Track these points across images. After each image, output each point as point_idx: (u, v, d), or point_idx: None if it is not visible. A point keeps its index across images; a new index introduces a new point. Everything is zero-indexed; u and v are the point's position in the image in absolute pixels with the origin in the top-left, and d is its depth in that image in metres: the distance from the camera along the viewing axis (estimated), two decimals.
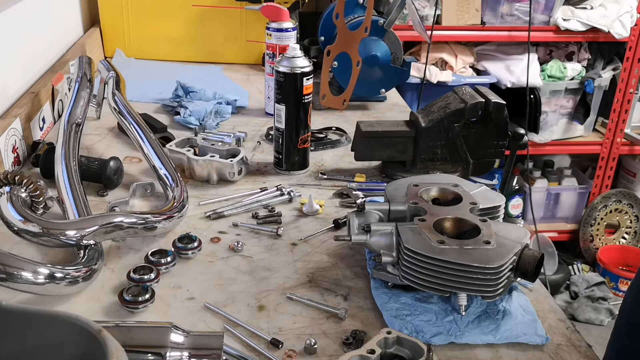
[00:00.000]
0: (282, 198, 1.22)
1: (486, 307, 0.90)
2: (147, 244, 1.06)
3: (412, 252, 0.88)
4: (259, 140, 1.50)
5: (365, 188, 1.28)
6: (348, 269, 1.02)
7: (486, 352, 0.85)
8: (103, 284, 0.96)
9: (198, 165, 1.28)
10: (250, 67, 2.04)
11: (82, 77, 1.46)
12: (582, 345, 0.87)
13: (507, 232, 0.92)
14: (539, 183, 3.18)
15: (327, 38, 1.76)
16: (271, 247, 1.08)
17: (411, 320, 0.88)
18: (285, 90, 1.27)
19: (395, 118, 1.55)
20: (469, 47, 2.88)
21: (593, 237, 3.21)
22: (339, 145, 1.49)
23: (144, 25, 2.03)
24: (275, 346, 0.84)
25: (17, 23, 1.49)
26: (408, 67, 1.67)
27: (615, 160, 3.10)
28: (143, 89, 1.74)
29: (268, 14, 1.55)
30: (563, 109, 2.97)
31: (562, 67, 2.87)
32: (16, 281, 0.85)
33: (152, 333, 0.76)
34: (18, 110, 1.34)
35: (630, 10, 2.77)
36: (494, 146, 1.31)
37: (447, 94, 1.33)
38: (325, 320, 0.90)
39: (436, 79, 2.65)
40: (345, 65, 1.64)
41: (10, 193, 0.98)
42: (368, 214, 1.00)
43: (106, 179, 1.22)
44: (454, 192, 1.04)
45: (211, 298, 0.94)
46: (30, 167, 1.30)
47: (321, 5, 2.54)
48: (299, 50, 1.27)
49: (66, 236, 0.95)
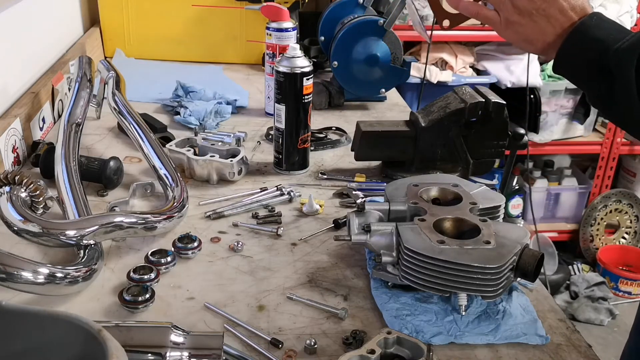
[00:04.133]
0: (282, 198, 1.22)
1: (486, 307, 0.90)
2: (147, 244, 1.06)
3: (412, 252, 0.88)
4: (259, 140, 1.50)
5: (365, 188, 1.28)
6: (348, 269, 1.02)
7: (486, 352, 0.85)
8: (103, 284, 0.96)
9: (198, 165, 1.28)
10: (250, 67, 2.04)
11: (82, 77, 1.46)
12: (582, 345, 0.87)
13: (507, 232, 0.92)
14: (539, 183, 3.18)
15: (327, 38, 1.76)
16: (271, 247, 1.08)
17: (411, 320, 0.88)
18: (285, 90, 1.27)
19: (395, 118, 1.55)
20: (469, 47, 2.88)
21: (593, 237, 3.21)
22: (339, 145, 1.49)
23: (144, 25, 2.03)
24: (275, 346, 0.84)
25: (17, 23, 1.49)
26: (408, 67, 1.67)
27: (615, 160, 3.10)
28: (143, 89, 1.74)
29: (268, 14, 1.55)
30: (563, 108, 2.97)
31: None
32: (16, 281, 0.85)
33: (152, 333, 0.76)
34: (18, 110, 1.34)
35: (630, 10, 2.77)
36: (494, 146, 1.31)
37: (447, 94, 1.32)
38: (325, 320, 0.90)
39: (436, 79, 2.65)
40: (346, 65, 1.64)
41: (10, 193, 0.98)
42: (368, 214, 1.00)
43: (106, 179, 1.22)
44: (454, 192, 1.04)
45: (211, 298, 0.94)
46: (30, 167, 1.30)
47: (321, 5, 2.53)
48: (299, 50, 1.27)
49: (66, 236, 0.95)
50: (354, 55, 1.63)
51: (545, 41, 0.87)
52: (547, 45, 0.87)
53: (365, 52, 1.62)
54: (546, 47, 0.88)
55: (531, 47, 0.89)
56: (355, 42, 1.62)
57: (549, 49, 0.88)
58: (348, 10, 1.74)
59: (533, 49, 0.89)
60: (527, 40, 0.89)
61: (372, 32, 1.62)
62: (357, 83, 1.68)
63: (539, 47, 0.88)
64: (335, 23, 1.73)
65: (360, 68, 1.64)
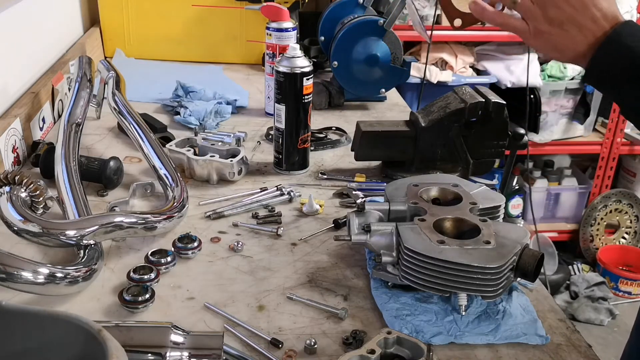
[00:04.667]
0: (282, 198, 1.22)
1: (486, 307, 0.90)
2: (147, 244, 1.06)
3: (412, 252, 0.88)
4: (259, 140, 1.50)
5: (365, 188, 1.28)
6: (348, 269, 1.02)
7: (486, 352, 0.85)
8: (103, 284, 0.96)
9: (198, 165, 1.28)
10: (250, 67, 2.04)
11: (82, 77, 1.46)
12: (582, 345, 0.87)
13: (507, 232, 0.92)
14: (539, 183, 3.18)
15: (327, 38, 1.76)
16: (271, 247, 1.08)
17: (411, 320, 0.88)
18: (285, 90, 1.27)
19: (395, 118, 1.55)
20: (469, 47, 2.88)
21: (593, 237, 3.21)
22: (339, 145, 1.49)
23: (144, 25, 2.03)
24: (275, 346, 0.84)
25: (17, 23, 1.49)
26: (408, 67, 1.67)
27: (615, 160, 3.10)
28: (143, 89, 1.74)
29: (268, 14, 1.55)
30: (563, 109, 2.97)
31: (562, 67, 2.87)
32: (16, 281, 0.85)
33: (152, 333, 0.76)
34: (18, 110, 1.34)
35: (630, 10, 2.77)
36: (494, 146, 1.31)
37: (447, 94, 1.32)
38: (325, 320, 0.90)
39: (436, 79, 2.65)
40: (346, 65, 1.64)
41: (10, 193, 0.98)
42: (368, 214, 1.00)
43: (106, 179, 1.22)
44: (454, 192, 1.04)
45: (211, 298, 0.94)
46: (30, 167, 1.30)
47: (321, 5, 2.53)
48: (299, 50, 1.27)
49: (66, 236, 0.95)
50: (354, 55, 1.63)
51: (576, 50, 0.84)
52: (578, 55, 0.84)
53: (365, 52, 1.62)
54: (577, 57, 0.85)
55: (561, 56, 0.87)
56: (355, 42, 1.62)
57: (580, 58, 0.85)
58: (348, 10, 1.74)
59: (563, 58, 0.87)
60: (557, 50, 0.86)
61: (372, 32, 1.62)
62: (357, 83, 1.68)
63: (570, 56, 0.86)
64: (335, 23, 1.73)
65: (360, 68, 1.64)
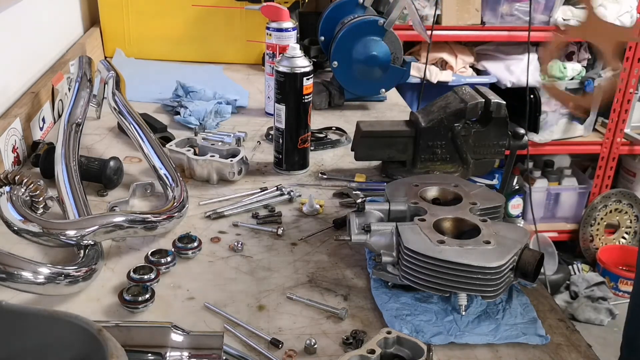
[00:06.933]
0: (282, 198, 1.22)
1: (486, 307, 0.90)
2: (147, 244, 1.06)
3: (412, 252, 0.88)
4: (259, 140, 1.50)
5: (365, 188, 1.28)
6: (348, 269, 1.02)
7: (486, 352, 0.85)
8: (103, 284, 0.96)
9: (198, 165, 1.28)
10: (250, 67, 2.04)
11: (82, 77, 1.46)
12: (582, 345, 0.87)
13: (507, 232, 0.92)
14: (539, 183, 3.18)
15: (327, 38, 1.76)
16: (271, 247, 1.08)
17: (411, 320, 0.88)
18: (285, 90, 1.27)
19: (395, 118, 1.55)
20: (469, 47, 2.88)
21: (593, 237, 3.21)
22: (339, 145, 1.49)
23: (144, 25, 2.03)
24: (275, 346, 0.84)
25: (17, 23, 1.49)
26: (408, 67, 1.67)
27: (615, 160, 3.10)
28: (143, 89, 1.74)
29: (268, 14, 1.55)
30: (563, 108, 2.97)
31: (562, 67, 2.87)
32: (16, 281, 0.85)
33: (152, 333, 0.76)
34: (18, 110, 1.34)
35: (630, 10, 2.77)
36: (494, 146, 1.31)
37: (447, 94, 1.32)
38: (325, 320, 0.90)
39: (436, 79, 2.65)
40: (346, 65, 1.64)
41: (10, 193, 0.98)
42: (368, 214, 1.00)
43: (106, 179, 1.22)
44: (454, 192, 1.04)
45: (211, 298, 0.94)
46: (30, 167, 1.30)
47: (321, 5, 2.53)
48: (299, 50, 1.27)
49: (66, 236, 0.95)
50: (354, 55, 1.63)
51: None
52: None
53: (365, 52, 1.62)
54: None
55: None
56: (355, 42, 1.62)
57: None
58: (348, 10, 1.74)
59: None
60: None
61: (372, 32, 1.62)
62: (357, 83, 1.68)
63: None
64: (335, 23, 1.73)
65: (360, 68, 1.64)
